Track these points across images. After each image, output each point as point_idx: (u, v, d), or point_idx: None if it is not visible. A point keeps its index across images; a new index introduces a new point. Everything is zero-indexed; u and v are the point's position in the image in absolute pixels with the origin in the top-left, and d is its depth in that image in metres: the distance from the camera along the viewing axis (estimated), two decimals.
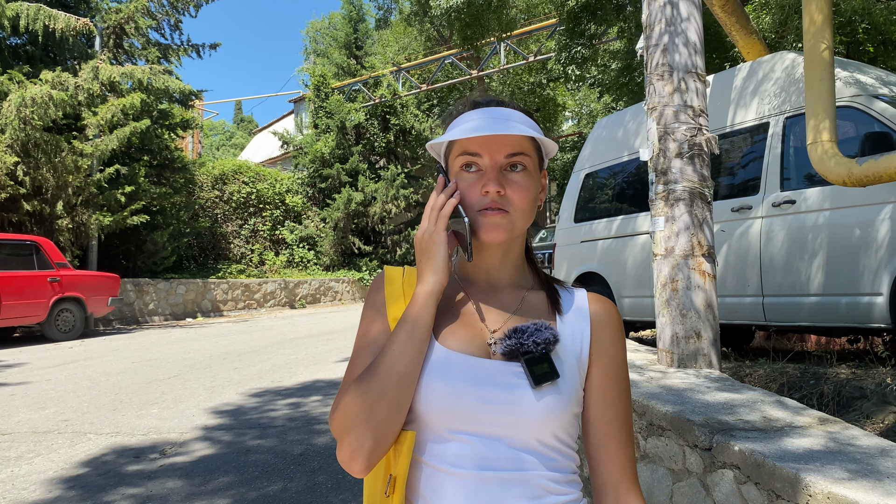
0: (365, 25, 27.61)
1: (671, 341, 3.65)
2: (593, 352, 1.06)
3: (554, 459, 0.99)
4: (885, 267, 4.45)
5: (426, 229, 1.03)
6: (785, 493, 1.91)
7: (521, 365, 0.99)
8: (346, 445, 0.95)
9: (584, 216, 7.43)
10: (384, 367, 0.96)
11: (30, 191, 12.92)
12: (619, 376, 1.07)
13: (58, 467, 4.21)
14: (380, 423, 0.94)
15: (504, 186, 1.01)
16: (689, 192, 3.69)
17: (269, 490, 3.76)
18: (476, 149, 1.03)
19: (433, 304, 1.01)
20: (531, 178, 1.04)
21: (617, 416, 1.05)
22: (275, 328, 13.16)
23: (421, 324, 0.99)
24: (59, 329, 11.41)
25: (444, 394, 0.97)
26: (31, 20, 13.57)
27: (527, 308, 1.08)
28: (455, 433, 0.97)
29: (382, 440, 0.95)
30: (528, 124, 1.05)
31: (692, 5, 3.87)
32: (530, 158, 1.04)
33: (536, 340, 0.99)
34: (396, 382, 0.96)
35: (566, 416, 1.00)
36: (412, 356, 0.97)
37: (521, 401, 0.97)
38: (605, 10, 10.58)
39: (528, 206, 1.04)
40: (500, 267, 1.10)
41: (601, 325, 1.08)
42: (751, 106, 5.70)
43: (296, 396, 6.22)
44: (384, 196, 22.75)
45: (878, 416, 3.70)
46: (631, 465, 1.05)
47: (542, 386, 0.97)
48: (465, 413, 0.97)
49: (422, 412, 0.98)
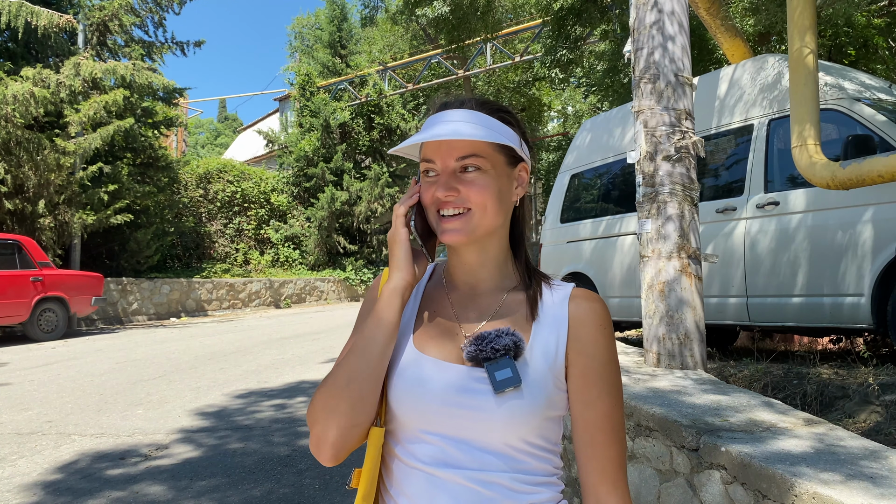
0: (349, 24, 27.51)
1: (658, 342, 3.68)
2: (571, 351, 1.04)
3: (524, 462, 1.00)
4: (867, 268, 4.51)
5: (391, 229, 1.08)
6: (771, 493, 1.93)
7: (485, 371, 1.00)
8: (313, 435, 1.01)
9: (571, 217, 7.47)
10: (348, 361, 1.01)
11: (11, 189, 12.77)
12: (601, 375, 1.03)
13: (42, 469, 4.17)
14: (342, 414, 0.99)
15: (456, 188, 1.03)
16: (676, 195, 3.72)
17: (256, 492, 3.75)
18: (430, 155, 1.06)
19: (397, 300, 1.03)
20: (488, 177, 1.04)
21: (596, 417, 1.02)
22: (260, 328, 13.10)
23: (385, 320, 1.02)
24: (42, 329, 11.29)
25: (412, 396, 1.01)
26: (12, 16, 13.39)
27: (505, 311, 1.08)
28: (426, 433, 1.00)
29: (346, 431, 0.99)
30: (485, 124, 1.04)
31: (679, 9, 3.90)
32: (486, 159, 1.04)
33: (496, 347, 1.00)
34: (357, 376, 1.00)
35: (535, 421, 1.00)
36: (374, 351, 1.01)
37: (484, 406, 0.98)
38: (590, 12, 10.63)
39: (490, 203, 1.04)
40: (479, 267, 1.11)
41: (580, 323, 1.05)
42: (735, 108, 5.75)
43: (282, 397, 6.20)
44: (369, 195, 22.71)
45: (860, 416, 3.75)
46: (612, 466, 1.02)
47: (504, 392, 0.98)
48: (432, 416, 1.00)
49: (396, 413, 1.03)
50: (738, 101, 5.75)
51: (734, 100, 5.78)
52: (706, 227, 5.52)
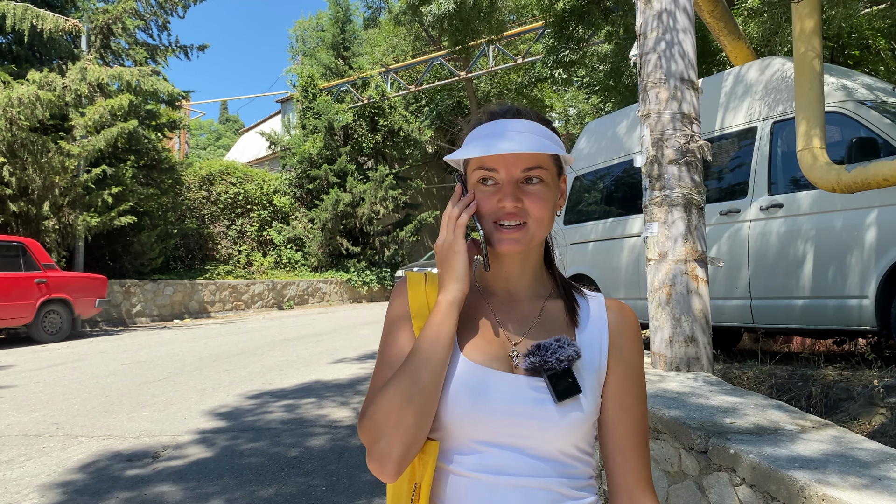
0: (352, 26, 27.53)
1: (665, 345, 3.69)
2: (611, 358, 1.08)
3: (573, 466, 1.02)
4: (871, 270, 4.52)
5: (445, 238, 1.05)
6: (781, 495, 1.95)
7: (545, 381, 1.01)
8: (376, 453, 0.97)
9: (574, 219, 7.48)
10: (410, 375, 0.98)
11: (16, 191, 12.80)
12: (636, 381, 1.09)
13: (50, 471, 4.19)
14: (407, 429, 0.96)
15: (521, 199, 1.03)
16: (683, 198, 3.74)
17: (264, 494, 3.77)
18: (492, 164, 1.04)
19: (456, 312, 1.03)
20: (548, 189, 1.05)
21: (633, 421, 1.07)
22: (263, 329, 13.12)
23: (444, 332, 1.01)
24: (46, 331, 11.31)
25: (469, 407, 1.00)
26: (18, 20, 13.42)
27: (546, 318, 1.10)
28: (479, 443, 1.00)
29: (410, 447, 0.97)
30: (545, 136, 1.05)
31: (686, 14, 3.92)
32: (547, 171, 1.05)
33: (560, 358, 1.01)
34: (422, 390, 0.97)
35: (586, 427, 1.03)
36: (436, 364, 0.99)
37: (545, 415, 0.99)
38: (593, 13, 10.64)
39: (545, 216, 1.05)
40: (519, 276, 1.12)
41: (619, 331, 1.10)
42: (739, 110, 5.77)
43: (289, 399, 6.22)
44: (372, 197, 22.72)
45: (865, 418, 3.77)
46: (646, 469, 1.07)
47: (565, 402, 1.00)
48: (489, 426, 0.99)
49: (447, 423, 1.01)
50: (741, 103, 5.76)
51: (738, 102, 5.80)
52: (710, 229, 5.53)
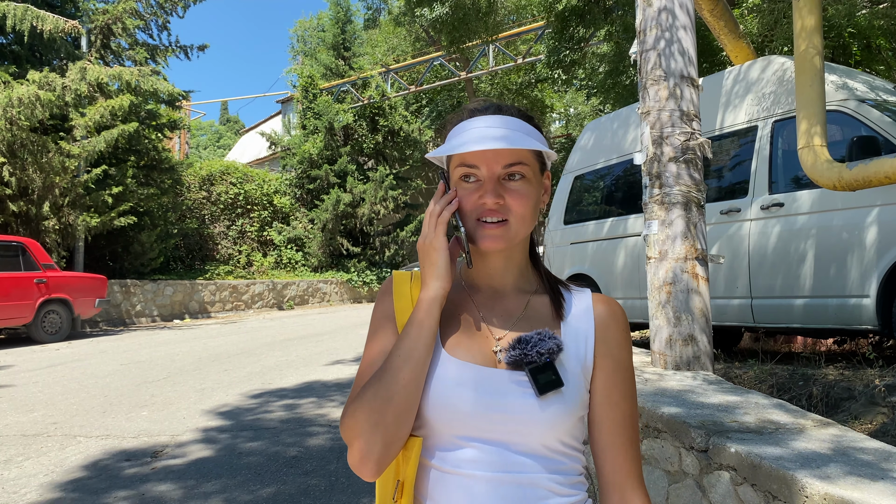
0: (353, 26, 27.55)
1: (665, 344, 3.68)
2: (598, 353, 1.06)
3: (560, 462, 1.01)
4: (872, 269, 4.51)
5: (426, 235, 1.04)
6: (782, 494, 1.93)
7: (526, 374, 1.00)
8: (356, 450, 0.97)
9: (574, 218, 7.47)
10: (390, 373, 0.97)
11: (16, 191, 12.80)
12: (624, 377, 1.07)
13: (48, 471, 4.18)
14: (387, 427, 0.96)
15: (503, 196, 1.02)
16: (683, 197, 3.72)
17: (263, 493, 3.76)
18: (473, 161, 1.03)
19: (437, 309, 1.02)
20: (530, 185, 1.04)
21: (622, 417, 1.05)
22: (263, 330, 13.11)
23: (426, 329, 1.00)
24: (46, 331, 11.31)
25: (451, 403, 0.99)
26: (18, 20, 13.42)
27: (531, 313, 1.09)
28: (463, 439, 0.99)
29: (391, 444, 0.97)
30: (527, 132, 1.05)
31: (686, 11, 3.90)
32: (529, 167, 1.04)
33: (540, 350, 1.00)
34: (403, 388, 0.97)
35: (571, 422, 1.01)
36: (417, 361, 0.98)
37: (527, 409, 0.98)
38: (593, 13, 10.63)
39: (528, 213, 1.04)
40: (504, 272, 1.11)
41: (605, 326, 1.09)
42: (739, 109, 5.75)
43: (288, 398, 6.20)
44: (373, 197, 22.73)
45: (866, 417, 3.75)
46: (636, 465, 1.06)
47: (547, 395, 0.98)
48: (472, 421, 0.98)
49: (430, 419, 1.00)
50: (742, 101, 5.75)
51: (738, 101, 5.79)
52: (710, 228, 5.52)
